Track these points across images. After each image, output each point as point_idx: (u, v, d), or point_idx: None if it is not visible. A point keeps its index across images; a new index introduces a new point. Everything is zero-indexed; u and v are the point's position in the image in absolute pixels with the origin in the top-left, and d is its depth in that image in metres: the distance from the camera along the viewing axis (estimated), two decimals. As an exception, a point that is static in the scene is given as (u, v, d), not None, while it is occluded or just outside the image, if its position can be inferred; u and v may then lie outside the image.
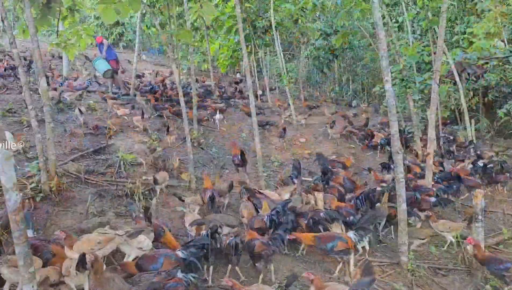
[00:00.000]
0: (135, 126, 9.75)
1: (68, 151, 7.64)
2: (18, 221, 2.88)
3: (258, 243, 4.19)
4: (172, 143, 9.14)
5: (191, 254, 4.10)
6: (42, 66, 6.31)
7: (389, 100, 4.99)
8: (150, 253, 4.18)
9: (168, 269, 3.92)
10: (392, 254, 5.61)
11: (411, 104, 11.66)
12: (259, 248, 4.16)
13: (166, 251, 4.23)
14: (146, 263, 3.99)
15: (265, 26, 14.77)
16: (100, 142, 8.42)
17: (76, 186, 6.21)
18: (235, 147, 7.84)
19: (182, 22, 13.27)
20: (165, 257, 4.02)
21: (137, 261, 4.05)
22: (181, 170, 7.44)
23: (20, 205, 2.90)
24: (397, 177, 5.01)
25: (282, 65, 14.78)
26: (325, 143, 11.94)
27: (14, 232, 2.89)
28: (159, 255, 4.08)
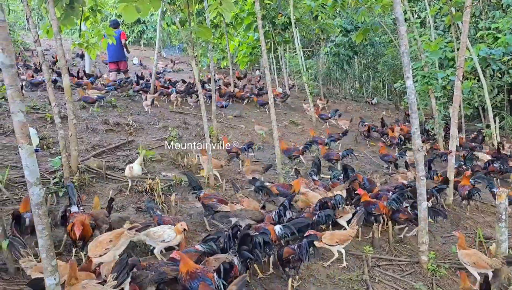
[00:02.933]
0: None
1: (90, 147, 7.77)
2: (41, 214, 2.94)
3: (286, 249, 4.18)
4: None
5: (209, 247, 4.12)
6: (65, 64, 6.44)
7: (410, 96, 4.91)
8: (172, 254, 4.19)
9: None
10: (411, 253, 5.54)
11: (433, 101, 11.46)
12: (286, 253, 4.15)
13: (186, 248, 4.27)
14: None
15: (284, 23, 14.71)
16: (121, 138, 8.55)
17: (97, 182, 6.31)
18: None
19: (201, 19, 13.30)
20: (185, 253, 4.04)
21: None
22: (199, 166, 7.48)
23: (43, 199, 2.96)
24: (418, 175, 4.93)
25: (301, 62, 14.69)
26: (345, 141, 11.82)
27: (37, 225, 2.95)
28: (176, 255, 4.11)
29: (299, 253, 4.08)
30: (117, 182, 6.40)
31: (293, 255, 4.12)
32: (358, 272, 4.73)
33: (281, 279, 4.45)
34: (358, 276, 4.64)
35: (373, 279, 4.69)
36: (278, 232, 4.44)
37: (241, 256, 3.86)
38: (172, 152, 7.97)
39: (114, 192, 6.01)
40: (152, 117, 10.75)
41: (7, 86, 2.80)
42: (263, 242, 4.00)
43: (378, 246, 5.48)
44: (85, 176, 6.15)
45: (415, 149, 4.90)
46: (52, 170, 6.33)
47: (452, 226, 6.64)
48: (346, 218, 5.39)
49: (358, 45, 18.92)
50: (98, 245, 3.87)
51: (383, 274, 4.86)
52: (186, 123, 10.63)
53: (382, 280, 4.72)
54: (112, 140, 8.39)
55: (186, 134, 9.74)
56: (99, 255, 3.82)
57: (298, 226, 4.51)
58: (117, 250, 3.93)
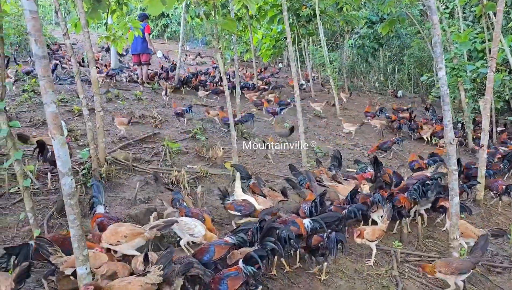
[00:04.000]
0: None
1: (116, 140, 7.86)
2: (72, 204, 2.97)
3: (315, 237, 4.17)
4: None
5: (239, 239, 4.09)
6: (92, 56, 6.50)
7: (442, 88, 4.76)
8: (200, 246, 4.18)
9: (222, 255, 3.94)
10: (441, 249, 5.41)
11: (462, 94, 11.15)
12: (315, 241, 4.15)
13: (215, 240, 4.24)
14: (199, 255, 4.00)
15: (309, 15, 14.52)
16: (146, 131, 8.62)
17: (124, 173, 6.38)
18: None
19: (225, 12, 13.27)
20: (215, 245, 4.02)
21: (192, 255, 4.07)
22: (224, 159, 7.47)
23: (74, 190, 2.99)
24: (449, 170, 4.79)
25: (325, 54, 14.50)
26: (369, 134, 11.65)
27: (69, 215, 2.98)
28: (209, 244, 4.09)
29: (327, 243, 4.09)
30: (144, 174, 6.45)
31: (322, 243, 4.13)
32: (387, 268, 4.64)
33: (308, 273, 4.41)
34: (387, 272, 4.55)
35: (402, 274, 4.59)
36: (307, 226, 4.38)
37: (264, 247, 3.81)
38: (198, 145, 7.99)
39: (140, 183, 6.04)
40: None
41: (40, 77, 2.82)
42: (287, 237, 3.93)
43: (407, 242, 5.37)
44: (112, 167, 6.22)
45: (447, 142, 4.75)
46: (80, 162, 6.43)
47: (483, 221, 6.46)
48: (379, 214, 5.28)
49: (383, 37, 18.53)
50: (113, 234, 3.82)
51: (412, 270, 4.75)
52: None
53: (411, 276, 4.62)
54: (138, 132, 8.47)
55: (210, 126, 9.75)
56: (110, 243, 3.82)
57: (327, 221, 4.44)
58: (129, 247, 3.85)
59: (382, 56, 22.72)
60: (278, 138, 9.42)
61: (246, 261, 3.49)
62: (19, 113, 8.63)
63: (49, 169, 5.69)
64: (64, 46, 19.86)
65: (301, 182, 5.95)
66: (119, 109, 9.83)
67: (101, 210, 4.29)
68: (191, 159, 7.51)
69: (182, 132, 8.97)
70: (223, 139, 8.93)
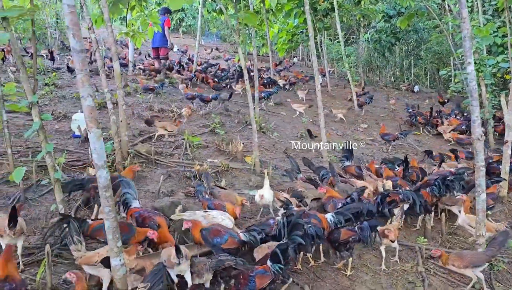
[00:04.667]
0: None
1: (137, 133, 7.93)
2: (108, 197, 3.01)
3: (344, 231, 4.12)
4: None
5: (251, 238, 4.09)
6: (115, 51, 6.55)
7: (470, 83, 4.70)
8: (216, 227, 4.17)
9: (230, 247, 3.95)
10: (466, 246, 5.36)
11: (483, 89, 10.99)
12: (345, 235, 4.11)
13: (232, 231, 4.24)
14: (210, 235, 4.00)
15: (326, 8, 14.41)
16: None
17: (146, 167, 6.43)
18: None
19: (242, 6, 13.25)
20: (231, 236, 4.04)
21: (201, 230, 4.07)
22: (244, 153, 7.49)
23: (109, 182, 3.03)
24: (477, 165, 4.74)
25: (342, 49, 14.39)
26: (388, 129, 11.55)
27: (104, 207, 3.03)
28: (225, 231, 4.10)
29: (360, 235, 4.06)
30: (166, 167, 6.50)
31: (353, 237, 4.09)
32: (412, 263, 4.62)
33: (333, 268, 4.41)
34: (413, 268, 4.53)
35: (427, 271, 4.57)
36: (331, 220, 4.39)
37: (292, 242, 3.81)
38: (217, 139, 8.03)
39: (163, 177, 6.09)
40: (195, 104, 10.84)
41: (78, 70, 2.86)
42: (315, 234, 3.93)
43: (431, 238, 5.34)
44: (135, 161, 6.29)
45: (475, 138, 4.70)
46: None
47: (507, 218, 6.38)
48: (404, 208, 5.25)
49: (400, 31, 18.33)
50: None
51: (437, 266, 4.72)
52: (228, 110, 10.66)
53: (437, 272, 4.59)
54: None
55: (228, 120, 9.77)
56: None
57: (350, 212, 4.43)
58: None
59: (398, 50, 22.46)
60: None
61: (272, 257, 3.48)
62: (41, 106, 8.73)
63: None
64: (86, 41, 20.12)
65: (324, 177, 5.93)
66: (138, 103, 9.90)
67: (137, 204, 4.34)
68: (211, 153, 7.54)
69: (201, 126, 9.01)
70: (242, 133, 8.94)
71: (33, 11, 3.71)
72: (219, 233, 3.99)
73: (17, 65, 4.03)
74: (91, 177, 4.87)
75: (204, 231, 4.00)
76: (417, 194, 5.18)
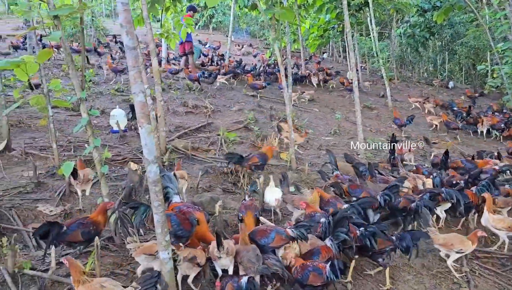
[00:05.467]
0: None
1: (173, 129, 8.04)
2: (157, 191, 3.07)
3: (379, 240, 3.94)
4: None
5: (300, 234, 4.06)
6: (154, 48, 6.66)
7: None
8: (262, 227, 4.20)
9: (277, 245, 3.94)
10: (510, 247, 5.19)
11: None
12: (380, 245, 3.93)
13: (278, 228, 4.24)
14: (257, 235, 4.02)
15: (359, 3, 14.19)
16: (200, 120, 8.77)
17: (184, 162, 6.51)
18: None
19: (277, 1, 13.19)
20: (277, 233, 4.03)
21: (249, 233, 4.09)
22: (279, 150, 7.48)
23: (159, 177, 3.08)
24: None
25: (376, 44, 14.16)
26: (423, 126, 11.32)
27: (153, 201, 3.08)
28: (271, 230, 4.10)
29: (399, 245, 3.92)
30: (203, 163, 6.57)
31: (389, 247, 3.93)
32: (456, 264, 4.51)
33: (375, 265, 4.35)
34: (457, 268, 4.42)
35: (472, 272, 4.45)
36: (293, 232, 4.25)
37: (336, 239, 3.78)
38: (251, 135, 8.05)
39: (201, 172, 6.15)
40: (227, 100, 10.93)
41: (130, 67, 2.91)
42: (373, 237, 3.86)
43: (474, 238, 5.19)
44: (173, 156, 6.38)
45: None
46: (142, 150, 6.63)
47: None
48: (444, 207, 5.14)
49: (435, 25, 17.89)
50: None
51: (482, 267, 4.60)
52: (260, 106, 10.69)
53: (482, 273, 4.47)
54: (192, 122, 8.63)
55: (261, 116, 9.79)
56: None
57: (363, 206, 4.34)
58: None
59: (432, 45, 21.94)
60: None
61: (332, 265, 3.39)
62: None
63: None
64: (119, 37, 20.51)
65: (363, 173, 5.86)
66: (172, 99, 10.04)
67: (177, 199, 4.37)
68: (246, 149, 7.57)
69: (234, 122, 9.06)
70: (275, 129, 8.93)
71: (82, 9, 3.80)
72: (265, 233, 3.99)
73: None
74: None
75: (251, 234, 4.01)
76: (461, 194, 5.04)
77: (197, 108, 9.63)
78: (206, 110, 9.45)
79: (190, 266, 3.46)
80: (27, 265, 3.60)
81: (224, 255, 3.51)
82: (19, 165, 5.82)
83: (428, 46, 21.05)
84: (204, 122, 8.61)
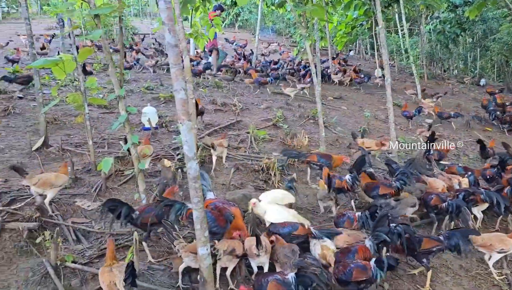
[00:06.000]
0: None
1: (203, 126, 8.10)
2: (197, 188, 3.09)
3: (426, 240, 3.87)
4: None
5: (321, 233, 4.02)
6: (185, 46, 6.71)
7: None
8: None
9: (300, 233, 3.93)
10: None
11: None
12: (427, 244, 3.83)
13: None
14: (280, 225, 4.03)
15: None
16: (229, 118, 8.80)
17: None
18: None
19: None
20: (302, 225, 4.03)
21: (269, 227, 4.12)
22: (310, 149, 7.44)
23: (198, 173, 3.11)
24: None
25: (407, 41, 13.90)
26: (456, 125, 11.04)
27: (193, 198, 3.11)
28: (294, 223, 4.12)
29: (447, 245, 3.82)
30: (233, 160, 6.60)
31: (437, 247, 3.83)
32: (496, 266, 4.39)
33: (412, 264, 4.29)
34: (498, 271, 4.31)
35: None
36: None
37: (376, 239, 3.74)
38: (280, 132, 8.03)
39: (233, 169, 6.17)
40: (255, 98, 10.94)
41: (172, 65, 2.94)
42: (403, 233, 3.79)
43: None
44: (204, 153, 6.43)
45: None
46: (174, 147, 6.72)
47: None
48: (482, 208, 5.01)
49: (466, 21, 17.42)
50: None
51: (523, 270, 4.46)
52: (288, 104, 10.65)
53: (523, 276, 4.34)
54: (222, 120, 8.67)
55: (290, 115, 9.75)
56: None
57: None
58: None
59: (463, 42, 21.38)
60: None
61: (378, 262, 3.35)
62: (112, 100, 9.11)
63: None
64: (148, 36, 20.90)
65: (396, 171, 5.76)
66: (201, 97, 10.11)
67: (211, 196, 4.41)
68: (275, 146, 7.56)
69: (263, 120, 9.05)
70: (304, 128, 8.89)
71: (121, 8, 3.88)
72: (288, 223, 3.99)
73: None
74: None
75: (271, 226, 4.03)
76: (501, 195, 4.90)
77: (225, 106, 9.67)
78: (235, 108, 9.48)
79: (230, 258, 3.51)
80: (69, 258, 3.70)
81: (263, 253, 3.53)
82: (56, 161, 5.97)
83: (459, 43, 20.50)
84: (233, 120, 8.63)
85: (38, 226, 4.13)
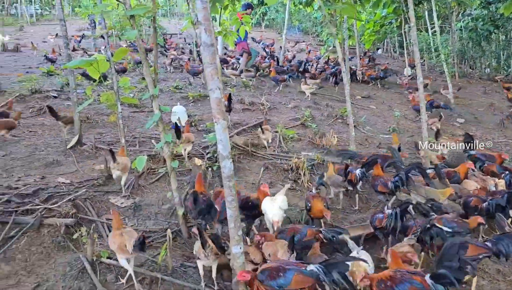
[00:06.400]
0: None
1: (231, 125, 8.13)
2: (231, 186, 3.11)
3: (472, 246, 3.52)
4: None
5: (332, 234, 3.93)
6: (216, 46, 6.76)
7: None
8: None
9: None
10: None
11: None
12: (473, 251, 3.49)
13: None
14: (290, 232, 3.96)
15: (419, -4, 13.68)
16: (257, 117, 8.81)
17: (244, 158, 6.58)
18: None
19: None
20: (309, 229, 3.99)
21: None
22: (338, 147, 7.37)
23: (233, 172, 3.12)
24: None
25: (438, 39, 13.59)
26: (490, 124, 10.74)
27: (227, 196, 3.13)
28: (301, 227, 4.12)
29: (496, 250, 3.57)
30: (262, 159, 6.60)
31: (484, 254, 3.56)
32: (536, 271, 4.24)
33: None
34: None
35: (554, 280, 4.17)
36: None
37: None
38: (309, 132, 7.99)
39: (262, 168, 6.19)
40: (283, 97, 10.92)
41: (207, 64, 2.97)
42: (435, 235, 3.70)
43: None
44: (234, 152, 6.45)
45: None
46: (204, 146, 6.78)
47: None
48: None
49: (500, 18, 16.87)
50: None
51: None
52: (316, 103, 10.59)
53: None
54: (250, 119, 8.69)
55: (318, 114, 9.68)
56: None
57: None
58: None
59: (496, 39, 20.70)
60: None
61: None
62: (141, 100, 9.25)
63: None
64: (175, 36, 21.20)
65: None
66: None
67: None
68: (304, 146, 7.52)
69: (291, 119, 9.02)
70: (332, 127, 8.81)
71: (155, 9, 3.94)
72: (297, 230, 3.95)
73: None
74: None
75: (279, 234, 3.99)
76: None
77: (253, 105, 9.69)
78: (263, 107, 9.48)
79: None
80: (104, 254, 3.78)
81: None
82: (90, 158, 6.12)
83: (492, 40, 19.85)
84: (261, 119, 8.63)
85: (74, 222, 4.25)
